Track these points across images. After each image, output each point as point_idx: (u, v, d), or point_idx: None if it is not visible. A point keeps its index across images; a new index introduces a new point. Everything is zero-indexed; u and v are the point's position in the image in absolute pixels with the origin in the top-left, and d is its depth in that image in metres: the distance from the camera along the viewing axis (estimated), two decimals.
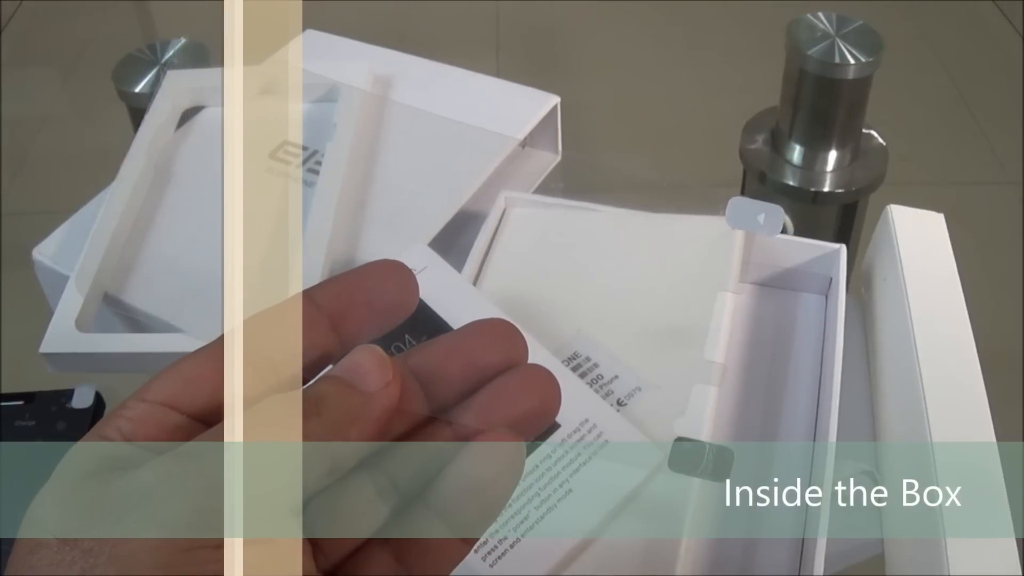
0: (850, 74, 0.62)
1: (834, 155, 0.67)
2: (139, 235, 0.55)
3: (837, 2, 0.74)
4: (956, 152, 1.14)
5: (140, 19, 1.48)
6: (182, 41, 0.68)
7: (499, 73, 0.90)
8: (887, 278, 0.48)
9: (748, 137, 0.70)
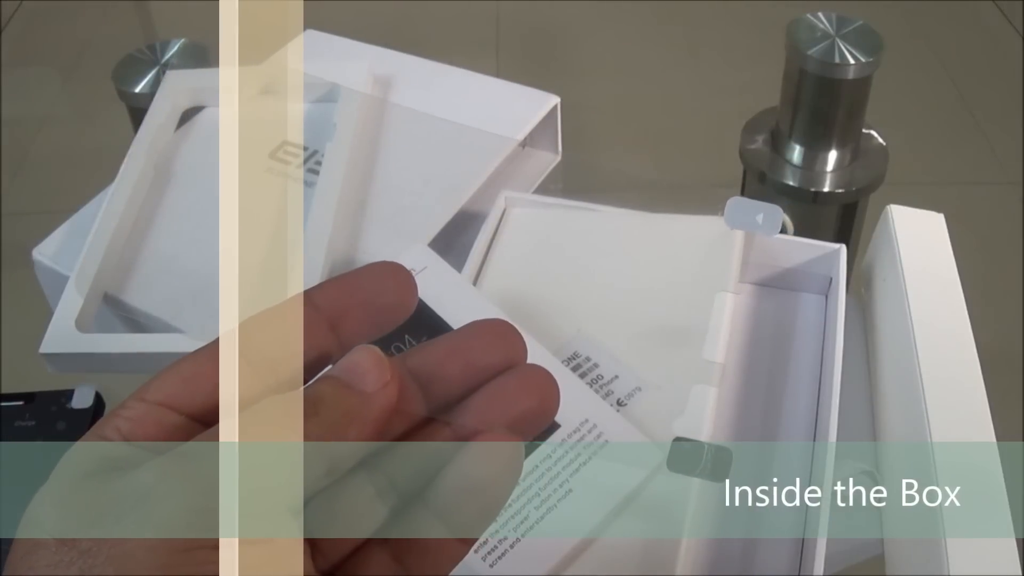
0: (850, 74, 0.62)
1: (834, 155, 0.67)
2: (139, 235, 0.55)
3: (837, 2, 0.74)
4: (956, 152, 1.14)
5: (140, 19, 1.48)
6: (182, 41, 0.68)
7: (499, 73, 0.90)
8: (887, 278, 0.48)
9: (748, 137, 0.70)
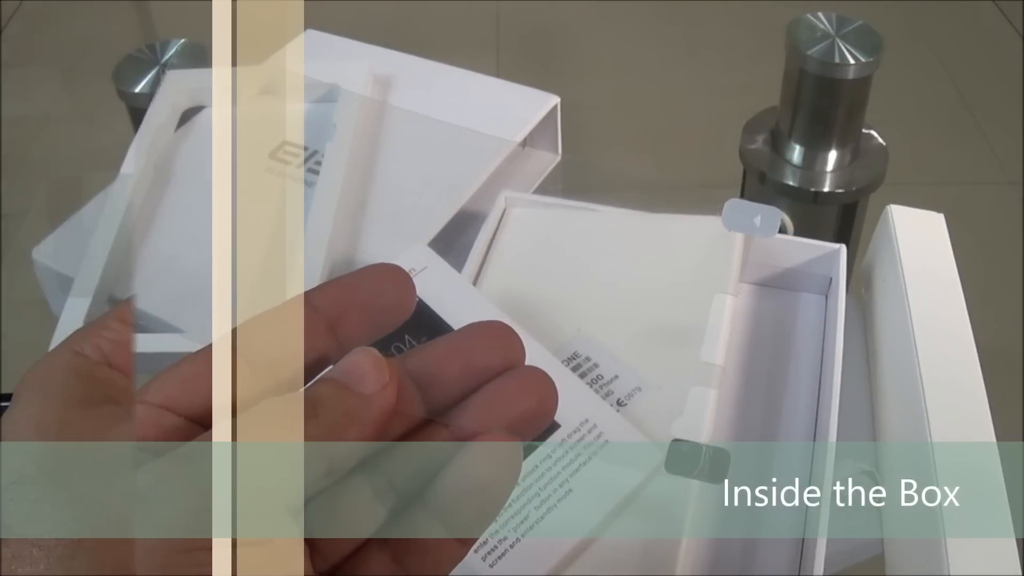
0: (850, 74, 0.62)
1: (834, 155, 0.67)
2: (139, 235, 0.55)
3: (837, 2, 0.74)
4: (956, 152, 1.14)
5: (140, 19, 1.49)
6: (182, 41, 0.68)
7: (499, 73, 0.90)
8: (887, 278, 0.48)
9: (748, 137, 0.70)
